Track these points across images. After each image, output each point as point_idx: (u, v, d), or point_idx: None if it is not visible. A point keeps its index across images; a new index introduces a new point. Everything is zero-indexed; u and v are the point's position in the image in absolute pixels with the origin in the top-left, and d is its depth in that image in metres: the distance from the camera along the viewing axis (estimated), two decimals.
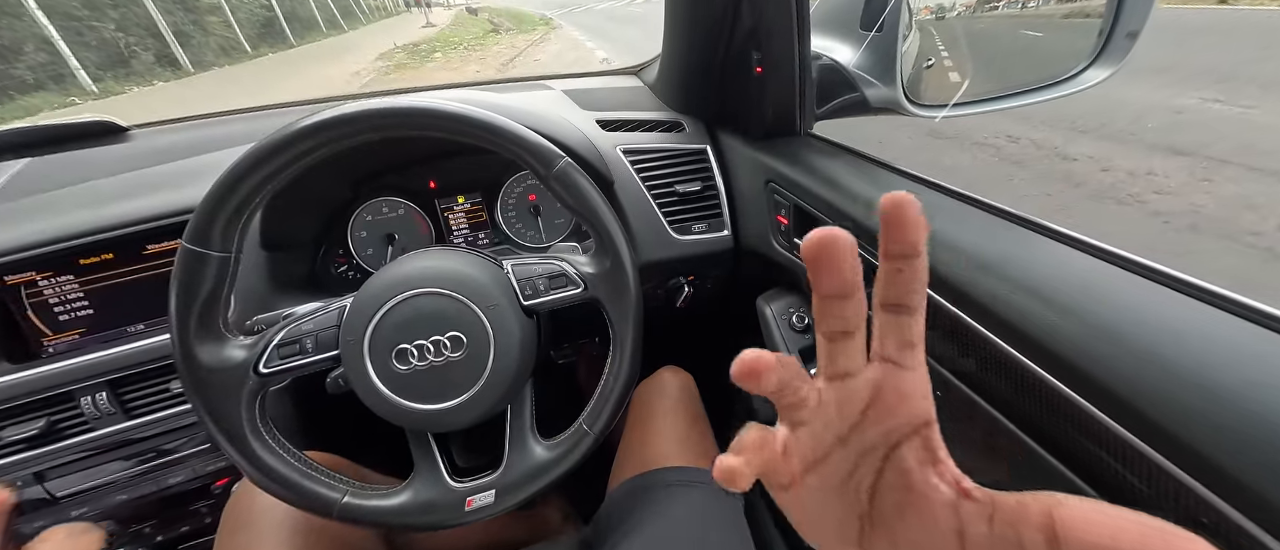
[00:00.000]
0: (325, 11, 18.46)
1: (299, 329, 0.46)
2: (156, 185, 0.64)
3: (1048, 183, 2.49)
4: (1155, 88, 3.28)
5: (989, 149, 2.90)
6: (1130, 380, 0.27)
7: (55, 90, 8.50)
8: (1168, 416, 0.25)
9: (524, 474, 0.49)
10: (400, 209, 0.74)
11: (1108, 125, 2.90)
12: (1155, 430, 0.25)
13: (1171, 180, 2.33)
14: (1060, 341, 0.30)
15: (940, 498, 0.18)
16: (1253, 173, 2.29)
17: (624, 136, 0.73)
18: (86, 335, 0.60)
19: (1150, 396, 0.26)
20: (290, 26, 15.27)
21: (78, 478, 0.61)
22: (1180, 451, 0.24)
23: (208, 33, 12.19)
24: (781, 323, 0.64)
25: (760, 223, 0.67)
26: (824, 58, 0.63)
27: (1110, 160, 2.56)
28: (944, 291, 0.38)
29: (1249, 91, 3.09)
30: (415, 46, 11.74)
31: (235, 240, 0.43)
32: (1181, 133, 2.71)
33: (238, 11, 13.15)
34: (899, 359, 0.19)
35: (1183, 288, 0.30)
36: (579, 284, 0.49)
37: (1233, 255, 1.82)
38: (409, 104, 0.44)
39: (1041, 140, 2.87)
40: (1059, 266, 0.34)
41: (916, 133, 3.22)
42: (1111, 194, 2.31)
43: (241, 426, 0.43)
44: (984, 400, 0.37)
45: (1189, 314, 0.28)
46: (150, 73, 10.07)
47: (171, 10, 10.90)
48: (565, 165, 0.46)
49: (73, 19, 9.10)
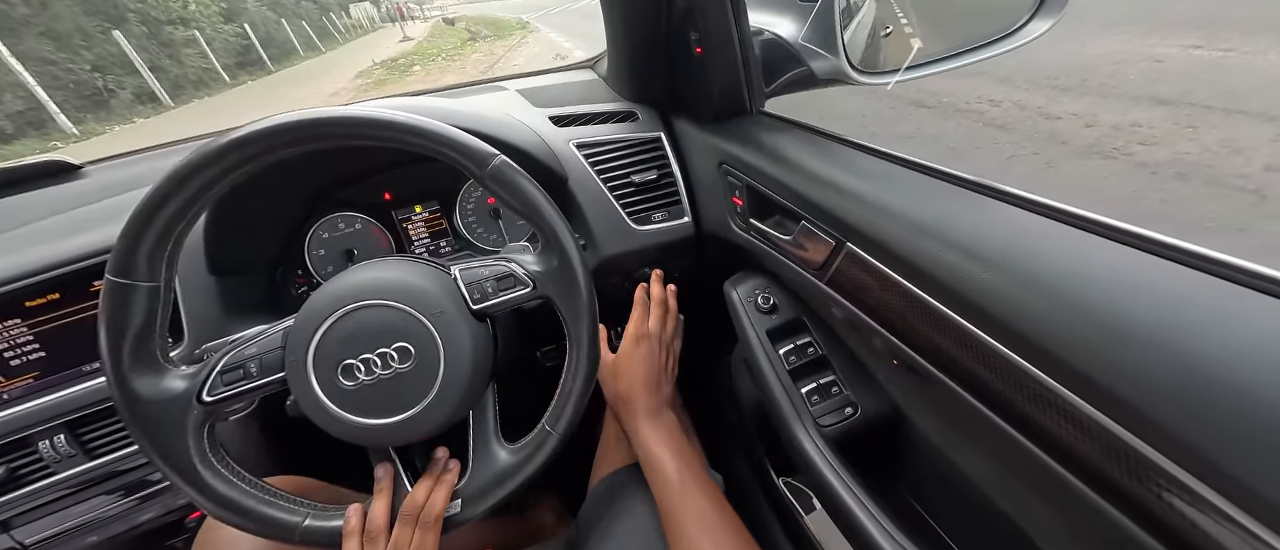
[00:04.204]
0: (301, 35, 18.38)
1: (243, 353, 0.45)
2: (102, 220, 0.63)
3: (1033, 143, 2.47)
4: (1134, 38, 3.25)
5: (972, 115, 2.88)
6: (1045, 324, 0.26)
7: (36, 136, 8.46)
8: (1080, 358, 0.24)
9: (489, 480, 0.48)
10: (357, 223, 0.73)
11: (1089, 81, 2.88)
12: (1070, 373, 0.25)
13: (1156, 130, 2.31)
14: (988, 297, 0.29)
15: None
16: (1236, 115, 2.27)
17: (577, 131, 0.72)
18: (40, 378, 0.59)
19: (1065, 339, 0.25)
20: (267, 52, 15.20)
21: (46, 523, 0.60)
22: (1095, 392, 0.24)
23: (184, 65, 12.13)
24: (748, 305, 0.63)
25: (718, 206, 0.66)
26: (767, 33, 0.61)
27: (1094, 116, 2.54)
28: (888, 261, 0.37)
29: (1228, 35, 3.07)
30: (393, 62, 11.69)
31: (163, 268, 0.42)
32: (1163, 82, 2.69)
33: (213, 42, 13.09)
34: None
35: (1105, 232, 0.29)
36: (528, 283, 0.48)
37: (1220, 200, 1.80)
38: (334, 114, 0.42)
39: (1024, 101, 2.85)
40: (990, 223, 0.33)
41: (899, 104, 3.20)
42: (1097, 149, 2.29)
43: (190, 459, 0.42)
44: (931, 364, 0.36)
45: (1104, 256, 0.28)
46: (130, 110, 10.03)
47: (146, 46, 10.85)
48: (500, 163, 0.45)
49: (47, 62, 9.05)
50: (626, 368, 0.59)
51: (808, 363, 0.58)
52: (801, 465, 0.55)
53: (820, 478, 0.51)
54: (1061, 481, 0.28)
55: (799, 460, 0.55)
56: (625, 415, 0.58)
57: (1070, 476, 0.28)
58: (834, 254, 0.44)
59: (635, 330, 0.60)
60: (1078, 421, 0.25)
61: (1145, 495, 0.23)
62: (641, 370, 0.58)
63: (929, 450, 0.51)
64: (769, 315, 0.62)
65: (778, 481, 0.75)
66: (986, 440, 0.41)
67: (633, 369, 0.58)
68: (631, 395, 0.57)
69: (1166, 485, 0.22)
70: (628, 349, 0.59)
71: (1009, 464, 0.40)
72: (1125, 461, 0.23)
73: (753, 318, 0.62)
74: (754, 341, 0.60)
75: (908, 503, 0.57)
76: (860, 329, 0.52)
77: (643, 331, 0.60)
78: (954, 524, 0.53)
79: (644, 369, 0.58)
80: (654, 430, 0.55)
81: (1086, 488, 0.27)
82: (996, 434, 0.32)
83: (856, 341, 0.56)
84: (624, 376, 0.58)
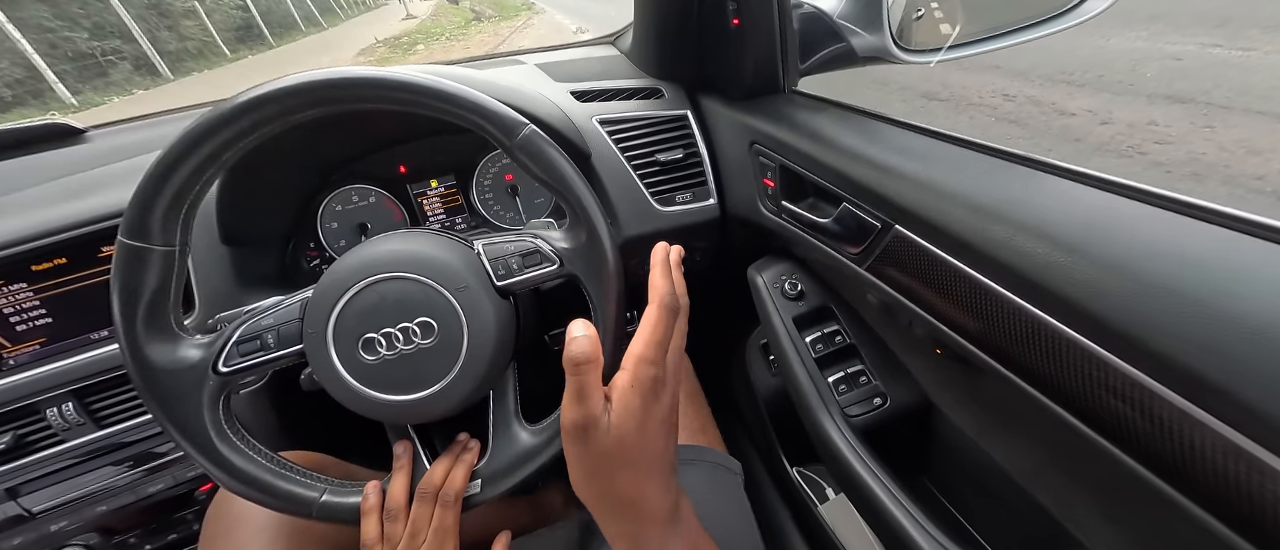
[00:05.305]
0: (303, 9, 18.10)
1: (259, 324, 0.43)
2: (109, 183, 0.61)
3: (1047, 139, 2.44)
4: (1152, 35, 3.20)
5: (985, 109, 2.84)
6: (1142, 316, 0.24)
7: (35, 106, 8.38)
8: (1186, 353, 0.22)
9: (510, 461, 0.47)
10: (371, 196, 0.71)
11: (1105, 77, 2.84)
12: (1173, 369, 0.23)
13: (1172, 129, 2.28)
14: (1066, 281, 0.27)
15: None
16: (1255, 116, 2.24)
17: (600, 106, 0.69)
18: (47, 344, 0.58)
19: (1165, 332, 0.23)
20: (268, 26, 14.98)
21: (53, 491, 0.59)
22: (1205, 392, 0.22)
23: (184, 38, 11.97)
24: (774, 291, 0.62)
25: (747, 188, 0.63)
26: (806, 6, 0.59)
27: (1109, 113, 2.50)
28: (944, 243, 0.36)
29: (1249, 34, 3.02)
30: (396, 39, 11.52)
31: (178, 232, 0.40)
32: (1181, 80, 2.65)
33: (214, 15, 12.89)
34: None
35: (1195, 212, 0.27)
36: (554, 260, 0.46)
37: (1237, 201, 1.78)
38: (356, 74, 0.40)
39: (1038, 96, 2.81)
40: (1062, 203, 0.31)
41: (911, 96, 3.15)
42: (1112, 147, 2.27)
43: (205, 430, 0.41)
44: (982, 351, 0.34)
45: (1203, 241, 0.26)
46: (129, 81, 9.91)
47: (145, 16, 10.67)
48: (530, 133, 0.43)
49: (45, 30, 8.91)
50: (637, 440, 0.31)
51: (835, 351, 0.57)
52: (826, 455, 0.53)
53: (846, 468, 0.50)
54: (1128, 473, 0.27)
55: (823, 450, 0.54)
56: (625, 522, 0.33)
57: (1140, 468, 0.26)
58: (878, 237, 0.42)
59: (653, 369, 0.32)
60: (1165, 413, 0.24)
61: (1244, 491, 0.21)
62: (660, 441, 0.33)
63: (960, 442, 0.50)
64: (795, 301, 0.60)
65: (791, 470, 0.74)
66: (1034, 431, 0.40)
67: (648, 441, 0.32)
68: (645, 493, 0.32)
69: (1270, 480, 0.20)
70: (636, 405, 0.31)
71: (1058, 455, 0.38)
72: (1226, 455, 0.21)
73: (778, 304, 0.61)
74: (779, 328, 0.59)
75: (933, 495, 0.57)
76: (899, 316, 0.51)
77: (659, 371, 0.32)
78: (982, 517, 0.52)
79: (662, 440, 0.33)
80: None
81: (1160, 481, 0.26)
82: (1048, 424, 0.31)
83: (891, 330, 0.55)
84: (635, 459, 0.31)
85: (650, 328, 0.33)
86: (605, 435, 0.30)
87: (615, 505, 0.33)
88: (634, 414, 0.31)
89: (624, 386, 0.31)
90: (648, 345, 0.32)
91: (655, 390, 0.32)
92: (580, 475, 0.32)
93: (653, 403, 0.32)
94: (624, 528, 0.33)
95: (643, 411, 0.31)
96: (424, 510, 0.45)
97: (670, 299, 0.35)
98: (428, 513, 0.45)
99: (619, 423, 0.31)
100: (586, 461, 0.32)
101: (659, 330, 0.33)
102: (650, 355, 0.32)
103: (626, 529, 0.33)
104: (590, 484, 0.32)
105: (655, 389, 0.32)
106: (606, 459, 0.31)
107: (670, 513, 0.33)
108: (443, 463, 0.46)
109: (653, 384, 0.32)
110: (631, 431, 0.31)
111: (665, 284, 0.36)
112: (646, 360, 0.32)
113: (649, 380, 0.32)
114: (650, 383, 0.32)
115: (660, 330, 0.33)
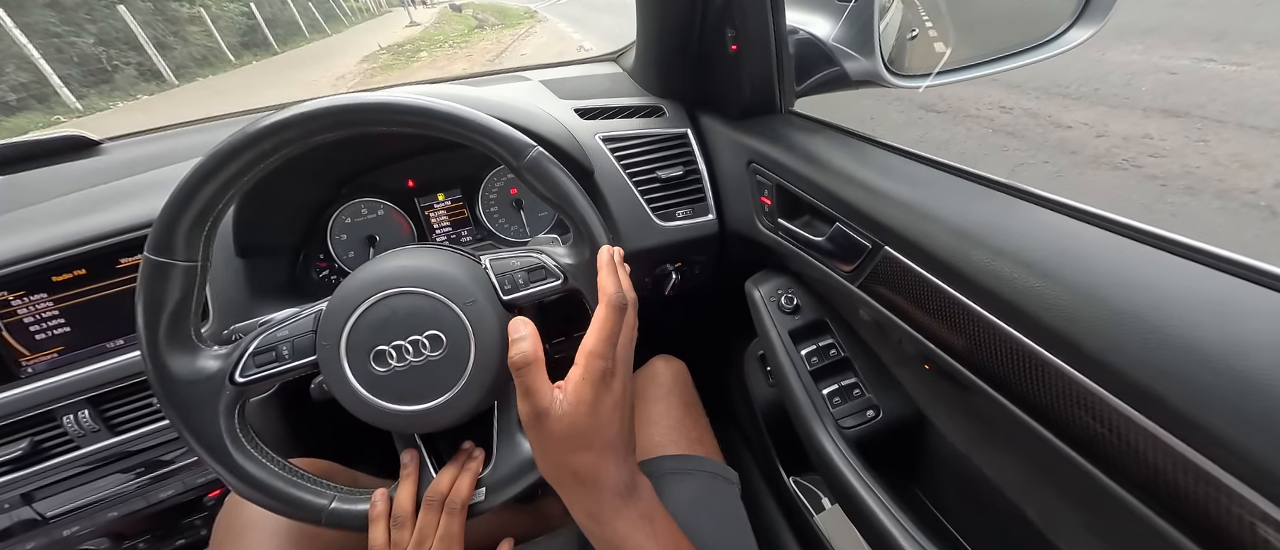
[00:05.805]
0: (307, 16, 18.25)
1: (275, 336, 0.45)
2: (128, 197, 0.63)
3: (1043, 152, 2.46)
4: (1147, 49, 3.23)
5: (982, 121, 2.87)
6: (1111, 341, 0.26)
7: (40, 110, 8.42)
8: (1150, 378, 0.24)
9: (513, 469, 0.48)
10: (380, 210, 0.73)
11: (1101, 90, 2.87)
12: (1139, 392, 0.25)
13: (1167, 143, 2.30)
14: (1041, 306, 0.29)
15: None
16: (1248, 131, 2.27)
17: (603, 124, 0.71)
18: (65, 353, 0.59)
19: (1132, 358, 0.25)
20: (272, 32, 15.10)
21: (67, 496, 0.61)
22: (1167, 415, 0.24)
23: (189, 43, 12.06)
24: (770, 305, 0.64)
25: (744, 205, 0.65)
26: (801, 32, 0.61)
27: (1105, 126, 2.53)
28: (929, 265, 0.38)
29: (1243, 48, 3.05)
30: (400, 47, 11.61)
31: (200, 248, 0.42)
32: (1176, 94, 2.68)
33: (218, 21, 13.00)
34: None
35: (1165, 245, 0.29)
36: (559, 275, 0.48)
37: (1230, 215, 1.81)
38: (373, 99, 0.42)
39: (1034, 109, 2.84)
40: (1039, 230, 0.33)
41: (908, 107, 3.18)
42: (1107, 159, 2.29)
43: (221, 438, 0.43)
44: (967, 369, 0.36)
45: (1170, 273, 0.27)
46: (134, 86, 9.98)
47: (151, 22, 10.77)
48: (537, 155, 0.45)
49: (51, 35, 8.99)
50: (590, 424, 0.36)
51: (829, 364, 0.59)
52: (820, 465, 0.55)
53: (840, 478, 0.52)
54: (1103, 489, 0.29)
55: (817, 460, 0.55)
56: (582, 496, 0.37)
57: (1113, 485, 0.28)
58: (869, 257, 0.44)
59: (602, 362, 0.36)
60: (1132, 434, 0.26)
61: (1207, 509, 0.23)
62: (614, 425, 0.37)
63: (951, 454, 0.51)
64: (791, 316, 0.62)
65: (788, 480, 0.76)
66: (1018, 446, 0.42)
67: (601, 424, 0.36)
68: (599, 470, 0.36)
69: (1230, 500, 0.22)
70: (588, 394, 0.36)
71: (1041, 469, 0.40)
72: (1187, 475, 0.23)
73: (775, 318, 0.63)
74: (776, 341, 0.61)
75: (924, 505, 0.58)
76: (889, 332, 0.53)
77: (608, 363, 0.36)
78: (971, 526, 0.53)
79: (616, 423, 0.37)
80: (636, 522, 0.37)
81: (1132, 497, 0.27)
82: (1031, 440, 0.33)
83: (883, 345, 0.56)
84: (589, 440, 0.36)
85: (600, 324, 0.37)
86: (559, 422, 0.35)
87: (574, 482, 0.37)
88: (586, 402, 0.36)
89: (577, 380, 0.36)
90: (598, 341, 0.37)
91: (605, 380, 0.36)
92: (541, 457, 0.38)
93: (604, 391, 0.36)
94: (582, 501, 0.37)
95: (594, 399, 0.36)
96: (430, 517, 0.46)
97: (618, 297, 0.38)
98: (434, 520, 0.46)
99: (572, 410, 0.36)
100: (545, 445, 0.37)
101: (607, 326, 0.37)
102: (600, 350, 0.36)
103: (584, 502, 0.37)
104: (550, 464, 0.38)
105: (605, 379, 0.36)
106: (562, 442, 0.36)
107: (626, 486, 0.38)
108: (449, 471, 0.47)
109: (603, 374, 0.36)
110: (584, 417, 0.35)
111: (613, 284, 0.40)
112: (597, 354, 0.36)
113: (598, 371, 0.36)
114: (600, 374, 0.36)
115: (608, 326, 0.37)
